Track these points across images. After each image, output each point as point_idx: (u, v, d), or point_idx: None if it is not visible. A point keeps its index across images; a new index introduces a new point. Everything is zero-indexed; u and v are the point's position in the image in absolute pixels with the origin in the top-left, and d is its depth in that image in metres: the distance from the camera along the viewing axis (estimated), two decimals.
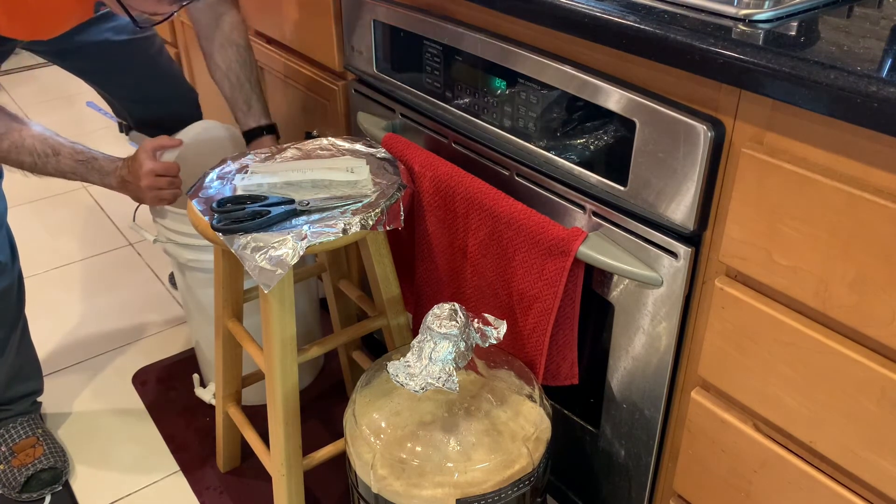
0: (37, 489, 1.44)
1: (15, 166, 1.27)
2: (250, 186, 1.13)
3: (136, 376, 1.72)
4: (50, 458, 1.46)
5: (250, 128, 1.41)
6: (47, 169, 1.27)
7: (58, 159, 1.27)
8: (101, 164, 1.30)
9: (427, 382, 0.96)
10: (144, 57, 1.61)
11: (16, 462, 1.45)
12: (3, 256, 1.36)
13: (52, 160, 1.26)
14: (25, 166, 1.26)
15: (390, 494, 1.01)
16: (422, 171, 1.19)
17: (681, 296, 0.94)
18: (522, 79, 1.03)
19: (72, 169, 1.28)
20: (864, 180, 0.72)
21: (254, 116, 1.41)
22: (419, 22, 1.17)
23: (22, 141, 1.24)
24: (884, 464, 0.78)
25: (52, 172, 1.28)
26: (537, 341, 1.12)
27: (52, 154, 1.26)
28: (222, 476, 1.48)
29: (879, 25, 0.82)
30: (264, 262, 0.99)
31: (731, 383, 0.91)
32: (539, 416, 1.06)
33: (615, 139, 0.94)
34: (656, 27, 0.83)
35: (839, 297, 0.77)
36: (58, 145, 1.27)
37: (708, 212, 0.88)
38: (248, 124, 1.41)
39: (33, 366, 1.53)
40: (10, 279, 1.38)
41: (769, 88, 0.74)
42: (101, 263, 2.14)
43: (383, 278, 1.22)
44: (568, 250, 1.01)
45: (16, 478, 1.43)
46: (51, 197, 2.47)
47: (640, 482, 1.12)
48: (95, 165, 1.30)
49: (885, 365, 0.75)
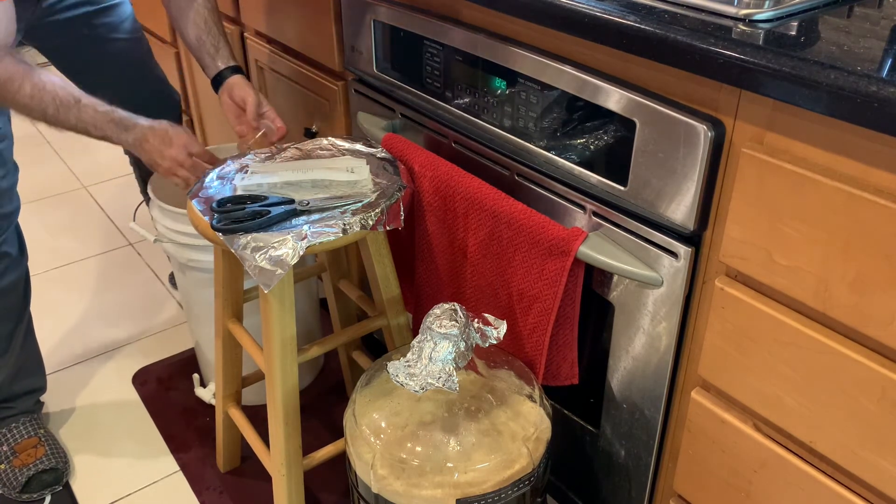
0: (37, 490, 1.44)
1: (37, 115, 1.22)
2: (250, 186, 1.13)
3: (136, 376, 1.72)
4: (51, 459, 1.46)
5: (219, 70, 1.39)
6: (69, 119, 1.23)
7: (79, 108, 1.23)
8: (122, 117, 1.26)
9: (427, 382, 0.96)
10: (134, 57, 1.60)
11: (17, 462, 1.45)
12: (13, 251, 1.37)
13: (73, 109, 1.22)
14: (48, 115, 1.22)
15: (390, 494, 1.01)
16: (422, 171, 1.19)
17: (681, 296, 0.94)
18: (522, 79, 1.03)
19: (92, 120, 1.24)
20: (864, 180, 0.72)
21: (222, 58, 1.40)
22: (419, 22, 1.17)
23: (43, 85, 1.20)
24: (884, 464, 0.78)
25: (73, 124, 1.24)
26: (537, 341, 1.12)
27: (73, 103, 1.22)
28: (222, 476, 1.48)
29: (879, 25, 0.82)
30: (264, 262, 0.99)
31: (731, 383, 0.91)
32: (539, 416, 1.06)
33: (615, 139, 0.94)
34: (656, 27, 0.83)
35: (839, 297, 0.77)
36: (79, 94, 1.23)
37: (708, 212, 0.88)
38: (216, 67, 1.39)
39: (37, 362, 1.53)
40: (17, 274, 1.40)
41: (769, 88, 0.74)
42: (101, 263, 2.14)
43: (383, 278, 1.22)
44: (568, 250, 1.01)
45: (17, 478, 1.43)
46: (51, 197, 2.47)
47: (640, 482, 1.12)
48: (115, 117, 1.26)
49: (885, 365, 0.75)
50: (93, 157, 2.68)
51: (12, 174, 1.35)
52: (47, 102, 1.20)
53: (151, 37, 2.22)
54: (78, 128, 1.24)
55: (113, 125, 1.25)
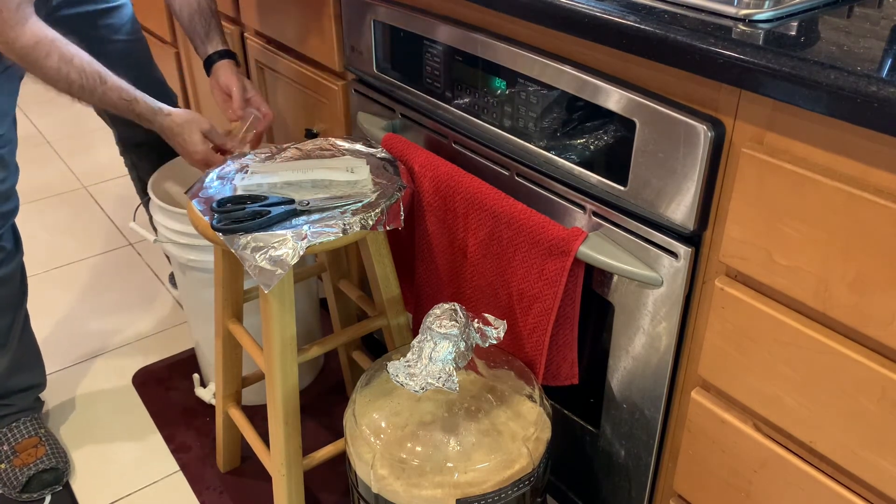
0: (37, 489, 1.44)
1: (62, 87, 1.21)
2: (250, 186, 1.13)
3: (136, 376, 1.72)
4: (52, 459, 1.46)
5: (209, 54, 1.41)
6: (94, 96, 1.23)
7: (105, 88, 1.23)
8: (142, 109, 1.27)
9: (427, 382, 0.96)
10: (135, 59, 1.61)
11: (17, 462, 1.45)
12: (8, 245, 1.38)
13: (99, 88, 1.22)
14: (74, 87, 1.21)
15: (390, 494, 1.01)
16: (422, 171, 1.19)
17: (681, 296, 0.94)
18: (522, 79, 1.03)
19: (114, 104, 1.25)
20: (864, 180, 0.72)
21: (213, 43, 1.42)
22: (419, 22, 1.17)
23: (71, 58, 1.19)
24: (884, 464, 0.78)
25: (97, 101, 1.24)
26: (537, 341, 1.12)
27: (99, 82, 1.22)
28: (222, 476, 1.48)
29: (879, 25, 0.82)
30: (264, 262, 0.99)
31: (731, 383, 0.91)
32: (539, 416, 1.06)
33: (615, 139, 0.94)
34: (656, 27, 0.83)
35: (839, 297, 0.77)
36: (105, 74, 1.23)
37: (708, 212, 0.88)
38: (207, 51, 1.42)
39: (35, 358, 1.54)
40: (14, 266, 1.41)
41: (769, 88, 0.74)
42: (101, 263, 2.14)
43: (383, 278, 1.22)
44: (568, 250, 1.01)
45: (17, 477, 1.43)
46: (51, 197, 2.47)
47: (640, 482, 1.12)
48: (136, 109, 1.27)
49: (885, 365, 0.75)
50: (93, 158, 2.67)
51: (13, 176, 1.36)
52: (73, 78, 1.20)
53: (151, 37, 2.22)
54: (102, 106, 1.26)
55: (135, 116, 1.27)
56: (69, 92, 1.22)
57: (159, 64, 1.71)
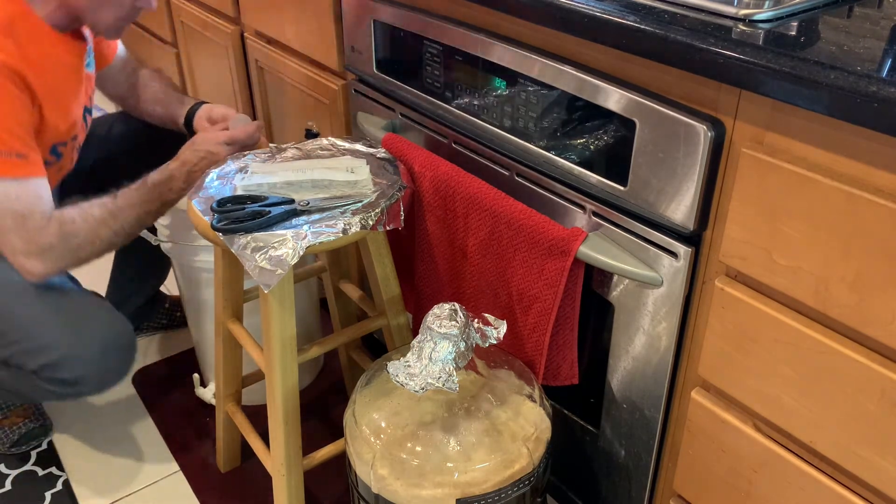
0: (24, 442, 1.52)
1: (105, 248, 1.22)
2: (250, 186, 1.13)
3: (136, 376, 1.72)
4: (39, 419, 1.55)
5: (190, 107, 1.49)
6: (128, 221, 1.21)
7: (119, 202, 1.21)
8: (155, 179, 1.24)
9: (427, 382, 0.96)
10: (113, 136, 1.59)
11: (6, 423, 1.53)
12: None
13: (124, 210, 1.21)
14: (112, 240, 1.21)
15: (390, 494, 1.01)
16: (422, 171, 1.19)
17: (681, 296, 0.94)
18: (522, 79, 1.03)
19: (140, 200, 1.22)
20: (864, 180, 0.72)
21: (187, 104, 1.50)
22: (419, 22, 1.17)
23: (83, 211, 1.19)
24: (884, 464, 0.78)
25: (132, 222, 1.22)
26: (537, 341, 1.12)
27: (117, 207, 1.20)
28: (222, 476, 1.48)
29: (879, 25, 0.82)
30: (264, 262, 0.99)
31: (731, 383, 0.91)
32: (539, 416, 1.06)
33: (615, 139, 0.94)
34: (656, 27, 0.83)
35: (839, 297, 0.77)
36: (114, 194, 1.21)
37: (708, 212, 0.88)
38: (184, 112, 1.49)
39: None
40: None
41: (769, 88, 0.74)
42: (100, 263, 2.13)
43: (383, 278, 1.22)
44: (568, 250, 1.01)
45: (8, 436, 1.52)
46: None
47: (640, 482, 1.12)
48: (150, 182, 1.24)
49: (885, 365, 0.75)
50: None
51: None
52: (101, 231, 1.20)
53: (151, 37, 2.22)
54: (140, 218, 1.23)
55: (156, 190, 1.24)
56: (112, 246, 1.24)
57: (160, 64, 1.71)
